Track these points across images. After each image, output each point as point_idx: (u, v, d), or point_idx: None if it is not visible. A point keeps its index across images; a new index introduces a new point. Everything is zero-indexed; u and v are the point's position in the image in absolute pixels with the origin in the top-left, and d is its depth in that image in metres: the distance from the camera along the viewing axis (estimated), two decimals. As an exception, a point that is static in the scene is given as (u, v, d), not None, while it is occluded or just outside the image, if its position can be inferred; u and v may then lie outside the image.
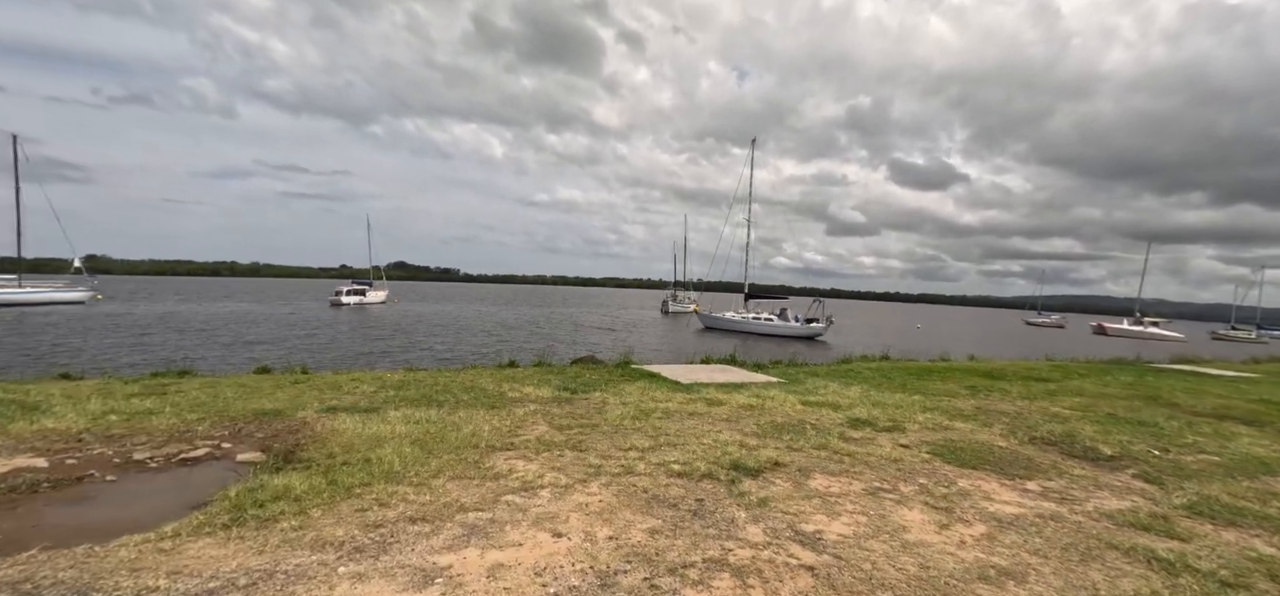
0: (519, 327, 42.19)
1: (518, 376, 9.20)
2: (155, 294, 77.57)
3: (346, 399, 7.14)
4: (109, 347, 26.45)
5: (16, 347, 25.67)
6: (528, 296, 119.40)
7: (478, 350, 27.91)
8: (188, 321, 40.29)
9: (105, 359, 22.65)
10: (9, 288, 49.72)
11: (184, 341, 29.33)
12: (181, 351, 24.88)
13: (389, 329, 37.83)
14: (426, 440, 5.37)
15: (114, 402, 6.52)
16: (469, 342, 31.49)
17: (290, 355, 23.77)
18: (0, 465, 4.76)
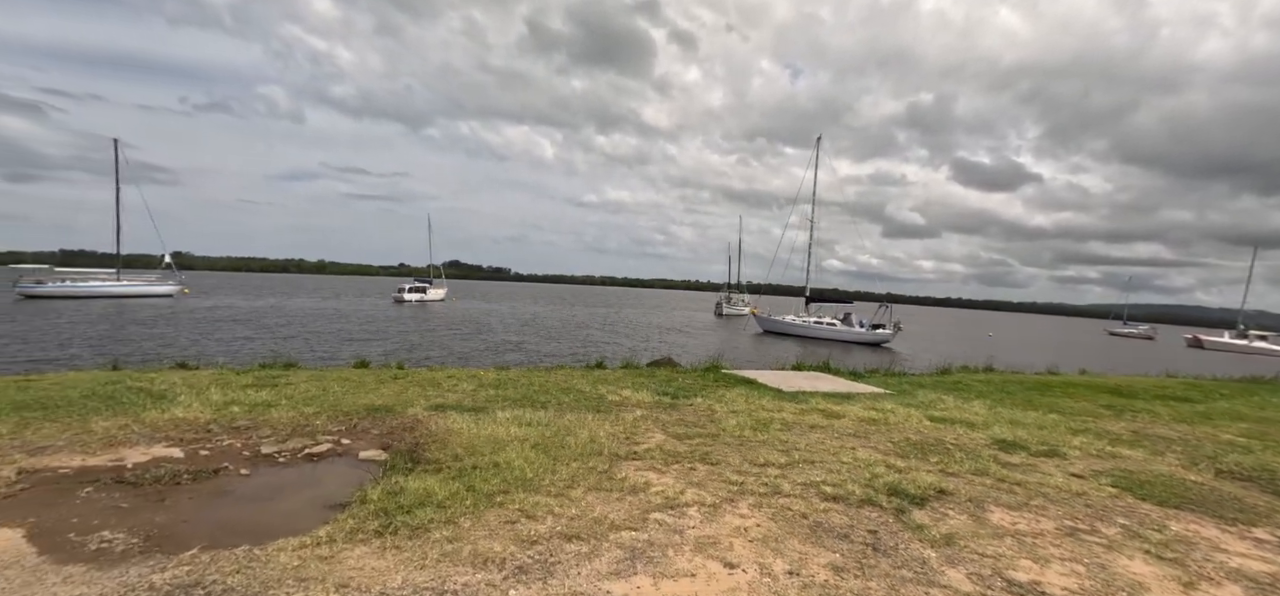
0: (584, 327, 42.34)
1: (609, 378, 8.94)
2: (235, 289, 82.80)
3: (450, 396, 7.05)
4: (205, 338, 28.12)
5: (123, 336, 27.68)
6: (581, 296, 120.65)
7: (555, 350, 28.08)
8: (269, 315, 42.61)
9: (204, 349, 24.02)
10: (109, 281, 54.03)
11: (269, 334, 30.89)
12: (271, 344, 26.16)
13: (457, 326, 38.75)
14: (547, 445, 5.14)
15: (232, 394, 6.63)
16: (542, 341, 31.69)
17: (368, 349, 24.60)
18: (140, 453, 4.83)
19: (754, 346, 34.35)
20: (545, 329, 39.26)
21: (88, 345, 24.16)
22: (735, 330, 45.59)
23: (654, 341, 34.45)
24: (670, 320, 55.16)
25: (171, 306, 47.47)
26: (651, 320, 54.47)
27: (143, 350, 22.68)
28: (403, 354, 21.16)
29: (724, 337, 39.40)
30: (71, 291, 50.39)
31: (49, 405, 5.88)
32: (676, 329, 44.82)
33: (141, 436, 5.19)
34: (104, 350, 22.68)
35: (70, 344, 24.28)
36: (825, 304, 41.71)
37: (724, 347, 32.97)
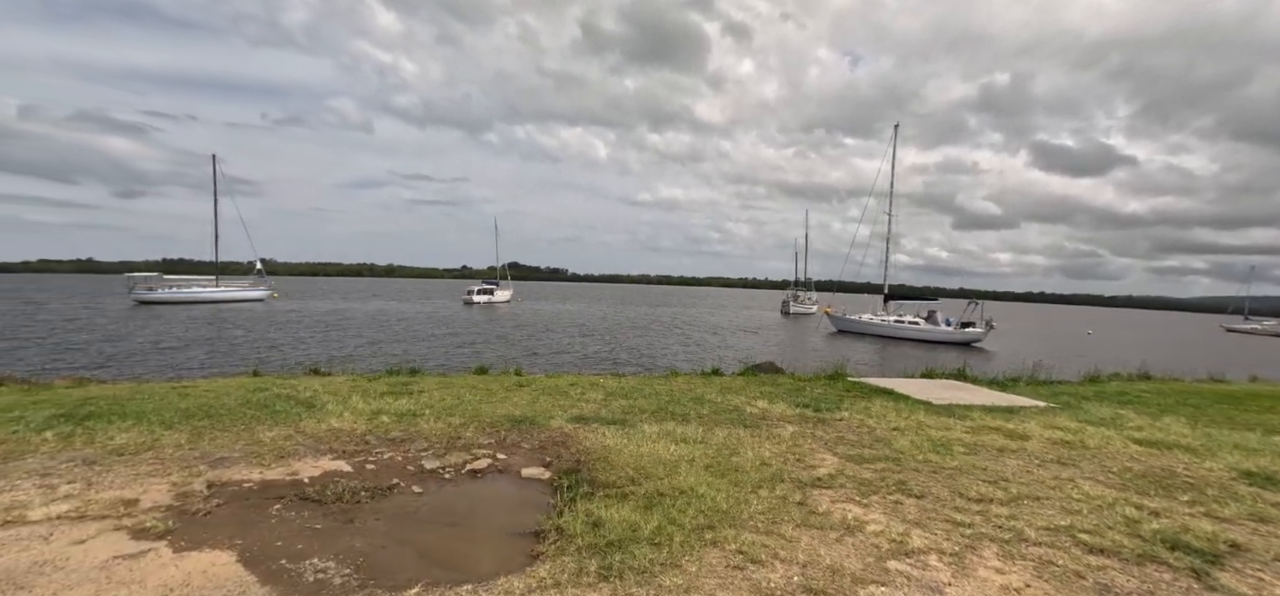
0: (655, 328, 42.13)
1: (734, 386, 8.48)
2: (316, 293, 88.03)
3: (584, 407, 6.79)
4: (308, 342, 29.73)
5: (228, 338, 29.67)
6: (640, 296, 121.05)
7: (640, 352, 27.95)
8: (355, 318, 44.79)
9: (309, 351, 25.32)
10: (209, 287, 58.46)
11: (361, 336, 32.34)
12: (370, 345, 27.35)
13: (532, 328, 39.38)
14: (718, 466, 4.74)
15: (375, 402, 6.61)
16: (621, 344, 31.62)
17: (462, 352, 25.23)
18: (310, 466, 4.76)
19: (830, 347, 32.98)
20: (618, 330, 39.23)
21: (203, 348, 25.94)
22: (806, 330, 44.11)
23: (730, 342, 33.71)
24: (737, 319, 54.12)
25: (264, 310, 50.80)
26: (718, 320, 53.60)
27: (257, 354, 24.10)
28: (493, 357, 21.44)
29: (796, 338, 38.14)
30: (177, 297, 54.93)
31: (212, 413, 6.00)
32: (746, 329, 43.83)
33: (307, 448, 5.15)
34: (217, 352, 24.33)
35: (189, 346, 26.19)
36: (905, 301, 39.54)
37: (799, 349, 31.83)
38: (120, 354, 23.50)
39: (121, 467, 4.54)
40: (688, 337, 36.16)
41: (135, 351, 24.42)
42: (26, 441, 5.06)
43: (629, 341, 32.61)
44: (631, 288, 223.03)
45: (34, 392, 7.25)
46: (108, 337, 28.68)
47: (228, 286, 60.47)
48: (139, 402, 6.35)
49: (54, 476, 4.35)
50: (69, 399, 6.74)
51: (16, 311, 44.19)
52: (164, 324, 35.81)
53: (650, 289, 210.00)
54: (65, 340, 27.38)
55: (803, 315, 60.38)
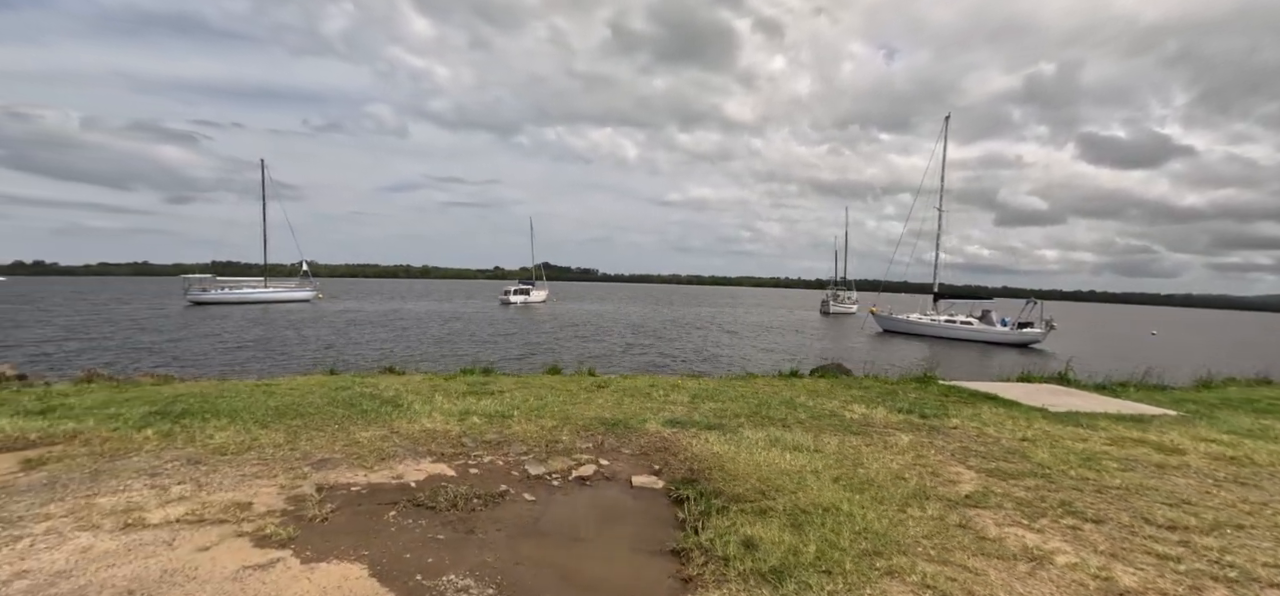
0: (696, 328, 41.61)
1: (820, 390, 8.02)
2: (358, 293, 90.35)
3: (672, 409, 6.46)
4: (362, 340, 30.28)
5: (283, 338, 30.45)
6: (673, 296, 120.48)
7: (696, 351, 27.55)
8: (400, 317, 45.61)
9: (363, 351, 25.74)
10: (259, 288, 60.42)
11: (412, 334, 32.82)
12: (430, 343, 27.70)
13: (573, 328, 39.38)
14: (847, 479, 4.33)
15: (459, 402, 6.41)
16: (667, 343, 31.24)
17: (508, 350, 25.29)
18: (413, 469, 4.54)
19: (876, 348, 31.92)
20: (664, 330, 38.86)
21: (262, 347, 26.63)
22: (848, 330, 42.89)
23: (779, 342, 33.00)
24: (776, 319, 53.15)
25: (311, 311, 52.22)
26: (757, 319, 52.72)
27: (316, 353, 24.60)
28: (548, 358, 21.32)
29: (842, 339, 37.09)
30: (229, 298, 56.98)
31: (303, 412, 5.87)
32: (788, 328, 42.93)
33: (405, 449, 4.95)
34: (276, 351, 24.94)
35: (249, 345, 26.95)
36: (956, 301, 37.98)
37: (844, 349, 30.91)
38: (186, 353, 24.32)
39: (227, 468, 4.40)
40: (737, 337, 35.53)
41: (202, 350, 25.25)
42: (129, 439, 5.00)
43: (679, 340, 32.22)
44: (663, 287, 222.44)
45: (124, 389, 7.31)
46: (172, 337, 29.79)
47: (276, 287, 62.41)
48: (228, 400, 6.29)
49: (163, 476, 4.23)
50: (159, 396, 6.75)
51: (86, 312, 46.46)
52: (219, 323, 37.08)
53: (683, 289, 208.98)
54: (134, 339, 28.54)
55: (843, 315, 58.87)
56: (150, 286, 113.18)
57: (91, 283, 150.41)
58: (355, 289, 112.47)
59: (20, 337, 27.99)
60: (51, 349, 24.31)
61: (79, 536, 3.29)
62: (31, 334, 29.56)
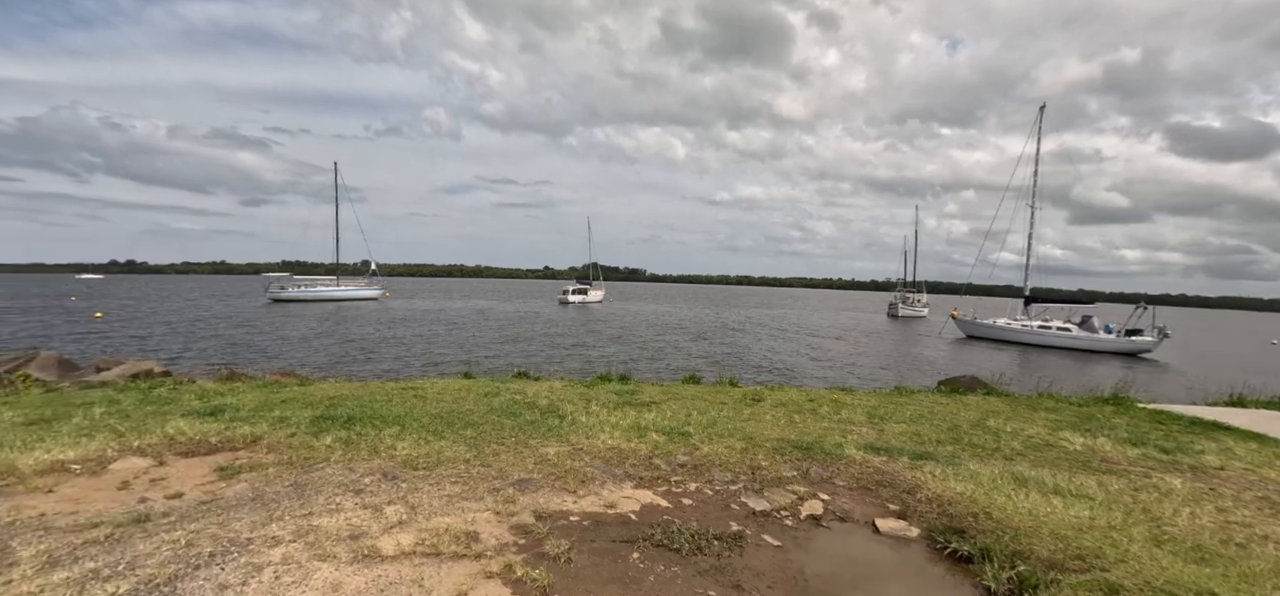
0: (763, 331, 40.51)
1: (998, 409, 7.18)
2: (420, 292, 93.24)
3: (859, 432, 5.80)
4: (444, 338, 30.87)
5: (364, 335, 31.34)
6: (727, 297, 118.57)
7: (787, 358, 26.73)
8: (467, 316, 46.48)
9: (442, 351, 26.13)
10: (331, 286, 62.99)
11: (487, 332, 33.24)
12: (509, 343, 27.95)
13: (637, 330, 39.07)
14: (1167, 541, 3.54)
15: (621, 415, 5.95)
16: (744, 348, 30.34)
17: (588, 351, 25.09)
18: (621, 496, 4.06)
19: (966, 355, 30.00)
20: (733, 333, 37.95)
21: (360, 346, 27.40)
22: (920, 334, 40.68)
23: (863, 348, 31.55)
24: (840, 322, 51.16)
25: (379, 308, 53.99)
26: (823, 322, 50.91)
27: (405, 350, 25.13)
28: (630, 357, 20.94)
29: (921, 344, 35.13)
30: (305, 295, 59.69)
31: (470, 421, 5.55)
32: (859, 332, 41.15)
33: (600, 470, 4.50)
34: (367, 348, 25.57)
35: (347, 343, 27.83)
36: (1050, 304, 35.23)
37: (936, 356, 29.19)
38: (288, 349, 25.30)
39: (426, 486, 4.05)
40: (816, 340, 34.24)
41: (303, 346, 26.24)
42: (311, 447, 4.76)
43: (759, 344, 31.27)
44: (714, 288, 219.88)
45: (273, 389, 7.24)
46: (266, 332, 31.21)
47: (347, 286, 64.96)
48: (387, 406, 6.05)
49: (368, 493, 3.91)
50: (312, 397, 6.61)
51: (183, 309, 49.55)
52: (303, 321, 38.67)
53: (735, 289, 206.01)
54: (235, 335, 30.04)
55: (913, 318, 56.07)
56: (231, 285, 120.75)
57: (177, 281, 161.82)
58: (416, 287, 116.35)
59: (138, 331, 29.91)
60: (170, 344, 25.78)
61: (320, 567, 2.95)
62: (146, 329, 31.57)
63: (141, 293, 78.99)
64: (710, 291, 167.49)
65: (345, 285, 65.46)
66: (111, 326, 32.60)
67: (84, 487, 4.07)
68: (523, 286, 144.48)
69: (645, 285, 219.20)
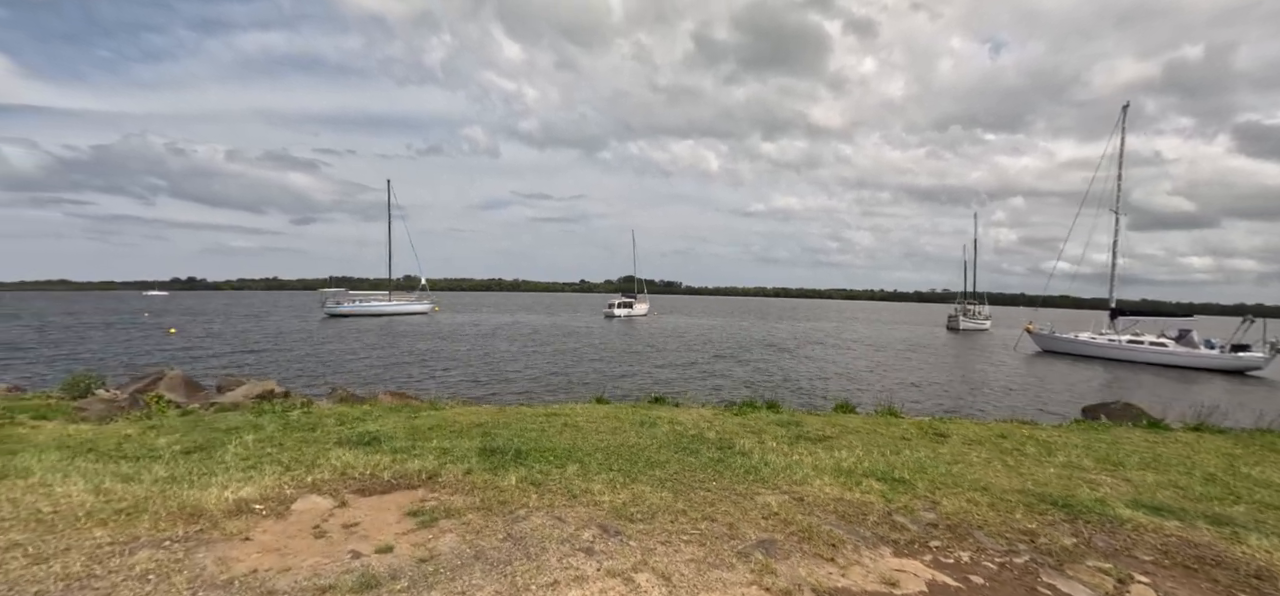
0: (827, 346, 39.23)
1: (1223, 448, 6.20)
2: (465, 307, 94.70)
3: (1099, 482, 4.98)
4: (511, 354, 30.87)
5: (424, 350, 31.62)
6: (769, 309, 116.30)
7: (864, 379, 25.72)
8: (517, 330, 46.63)
9: (522, 363, 26.03)
10: (383, 301, 64.38)
11: (545, 348, 33.13)
12: (563, 359, 27.74)
13: (691, 345, 38.38)
14: None
15: (808, 453, 5.31)
16: (810, 364, 29.43)
17: (653, 370, 24.56)
18: (891, 567, 3.40)
19: (1047, 372, 28.14)
20: (793, 349, 36.85)
21: (424, 362, 27.61)
22: (992, 350, 38.57)
23: (938, 364, 30.02)
24: (898, 336, 49.17)
25: (429, 322, 54.77)
26: (878, 336, 49.03)
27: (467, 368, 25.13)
28: (698, 374, 20.24)
29: (994, 361, 33.22)
30: (359, 310, 61.17)
31: (651, 459, 5.01)
32: (922, 346, 39.36)
33: (844, 531, 3.87)
34: (433, 365, 25.68)
35: (419, 358, 28.09)
36: (1140, 317, 32.80)
37: (1015, 375, 27.46)
38: (361, 364, 25.62)
39: (659, 546, 3.50)
40: (882, 354, 32.86)
41: (389, 365, 26.57)
42: (499, 489, 4.28)
43: (832, 363, 30.14)
44: (753, 300, 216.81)
45: (410, 413, 6.88)
46: (341, 349, 31.81)
47: (398, 301, 66.34)
48: (542, 436, 5.59)
49: (600, 555, 3.38)
50: (456, 424, 6.21)
51: (249, 325, 51.33)
52: (363, 336, 39.39)
53: (775, 302, 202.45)
54: (313, 350, 30.72)
55: (975, 331, 53.45)
56: (288, 300, 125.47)
57: (235, 297, 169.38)
58: (459, 302, 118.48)
59: (216, 348, 30.92)
60: (243, 360, 26.48)
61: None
62: (225, 345, 32.64)
63: (206, 308, 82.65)
64: (750, 304, 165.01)
65: (397, 300, 66.85)
66: (191, 342, 33.82)
67: (278, 534, 3.69)
68: (563, 300, 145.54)
69: (682, 298, 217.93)
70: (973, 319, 55.53)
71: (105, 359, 25.45)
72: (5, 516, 3.80)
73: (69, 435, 6.02)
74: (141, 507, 3.94)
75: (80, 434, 6.12)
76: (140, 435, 6.08)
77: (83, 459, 5.13)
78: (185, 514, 3.86)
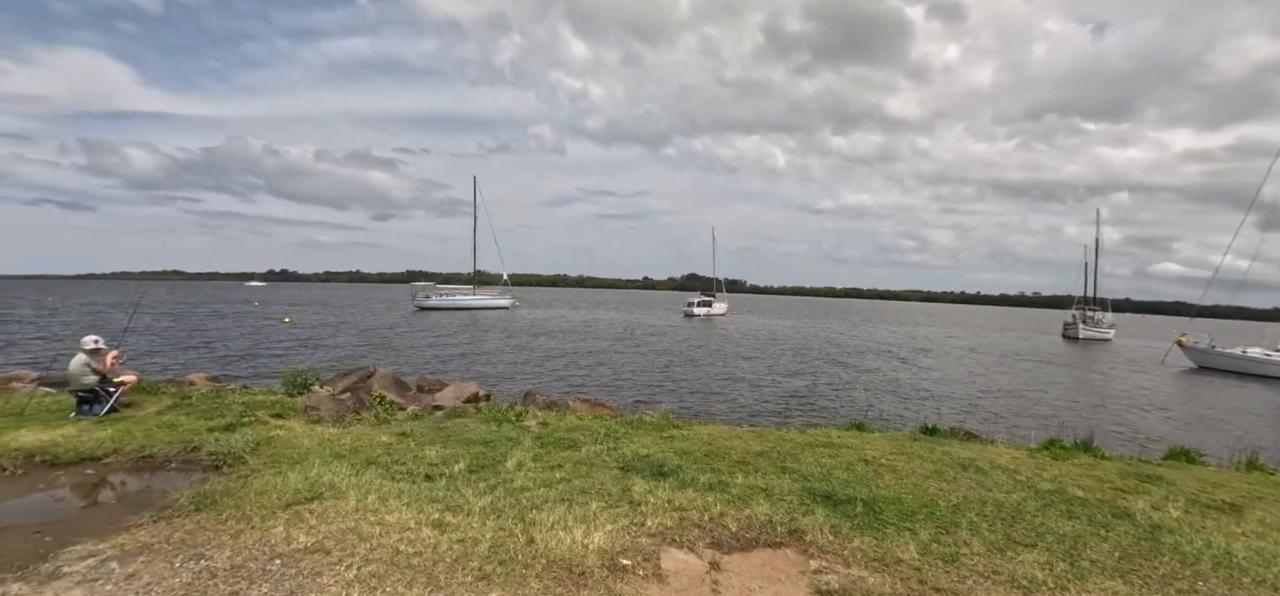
0: (936, 353, 36.80)
1: None
2: (540, 302, 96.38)
3: None
4: (608, 351, 30.76)
5: (533, 344, 31.90)
6: (846, 310, 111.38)
7: (1020, 395, 23.89)
8: (599, 328, 46.58)
9: (621, 364, 25.70)
10: (467, 296, 66.17)
11: (639, 350, 32.75)
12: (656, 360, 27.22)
13: (780, 348, 36.94)
14: None
15: (1231, 530, 4.19)
16: (956, 378, 27.46)
17: (781, 380, 23.54)
18: None
19: (1213, 393, 24.72)
20: (899, 357, 34.72)
21: (560, 362, 27.80)
22: (1114, 361, 34.65)
23: (1077, 386, 27.27)
24: (1010, 345, 45.30)
25: (510, 317, 55.73)
26: (988, 344, 45.41)
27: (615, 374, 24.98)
28: (844, 398, 19.00)
29: (1146, 377, 29.71)
30: (446, 304, 63.20)
31: (1027, 521, 4.08)
32: (1037, 357, 35.98)
33: None
34: (528, 362, 25.73)
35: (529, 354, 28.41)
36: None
37: (1187, 397, 24.28)
38: (480, 362, 26.06)
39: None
40: (1012, 363, 30.25)
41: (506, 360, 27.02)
42: (897, 561, 3.53)
43: (953, 375, 28.05)
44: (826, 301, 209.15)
45: (654, 432, 6.27)
46: (456, 343, 32.72)
47: (482, 295, 68.07)
48: (862, 479, 4.80)
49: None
50: (724, 450, 5.54)
51: (350, 316, 54.14)
52: (457, 332, 40.45)
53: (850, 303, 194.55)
54: (429, 344, 31.75)
55: (1096, 341, 48.48)
56: (374, 292, 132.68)
57: (325, 289, 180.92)
58: (530, 296, 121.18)
59: (337, 339, 32.50)
60: (365, 352, 27.59)
61: None
62: (343, 336, 34.33)
63: (304, 299, 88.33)
64: (822, 304, 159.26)
65: (481, 294, 68.60)
66: (310, 331, 35.73)
67: (682, 604, 3.08)
68: (632, 297, 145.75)
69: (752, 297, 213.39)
70: (1094, 327, 50.34)
71: (245, 349, 27.11)
72: (370, 555, 3.41)
73: (329, 440, 5.85)
74: (509, 554, 3.51)
75: (336, 439, 5.96)
76: (400, 444, 5.84)
77: (374, 475, 4.86)
78: (566, 569, 3.36)
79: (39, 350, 24.31)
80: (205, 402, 7.30)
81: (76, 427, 6.10)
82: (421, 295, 64.71)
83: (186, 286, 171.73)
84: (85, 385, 6.92)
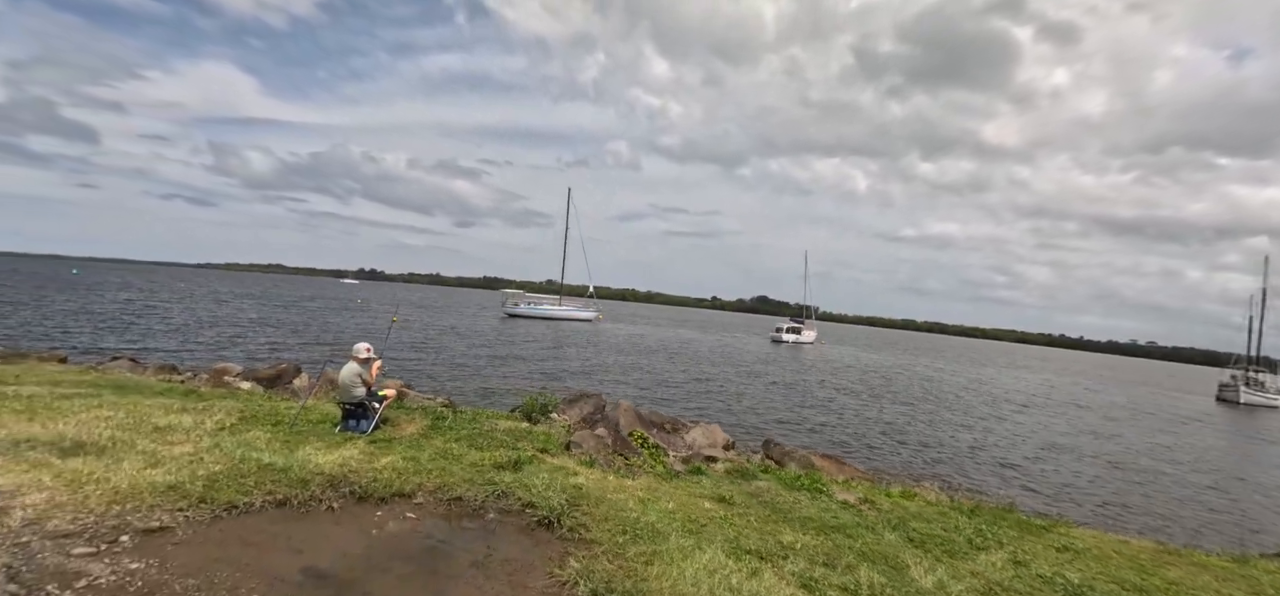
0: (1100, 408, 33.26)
1: None
2: (622, 317, 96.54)
3: None
4: (722, 379, 29.82)
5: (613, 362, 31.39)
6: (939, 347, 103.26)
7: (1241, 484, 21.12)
8: (686, 347, 45.43)
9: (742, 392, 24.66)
10: (553, 305, 66.88)
11: (755, 378, 31.49)
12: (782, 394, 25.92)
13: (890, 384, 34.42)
14: None
15: None
16: (1129, 438, 24.84)
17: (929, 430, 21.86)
18: None
19: None
20: (1024, 406, 31.56)
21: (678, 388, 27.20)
22: None
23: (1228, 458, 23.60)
24: (1143, 400, 40.16)
25: (596, 330, 55.67)
26: (1116, 401, 40.55)
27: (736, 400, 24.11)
28: (1010, 470, 16.95)
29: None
30: (533, 313, 64.24)
31: None
32: (1190, 420, 31.50)
33: None
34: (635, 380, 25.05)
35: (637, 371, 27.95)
36: None
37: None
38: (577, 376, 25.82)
39: None
40: (1176, 428, 26.68)
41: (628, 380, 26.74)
42: None
43: (1125, 435, 25.05)
44: (910, 335, 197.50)
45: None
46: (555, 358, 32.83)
47: (568, 306, 68.77)
48: None
49: None
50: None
51: (445, 320, 55.96)
52: (547, 341, 40.57)
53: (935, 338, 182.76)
54: (536, 355, 32.03)
55: (1263, 407, 42.08)
56: (458, 296, 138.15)
57: (411, 289, 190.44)
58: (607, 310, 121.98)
59: (457, 347, 33.38)
60: (503, 367, 27.99)
61: None
62: (463, 343, 35.31)
63: (396, 298, 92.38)
64: (907, 338, 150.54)
65: (566, 305, 69.33)
66: (422, 335, 36.97)
67: None
68: (710, 317, 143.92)
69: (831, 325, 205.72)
70: (1258, 391, 43.71)
71: (377, 348, 28.13)
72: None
73: (646, 499, 5.18)
74: None
75: (651, 498, 5.28)
76: (737, 517, 5.07)
77: (725, 556, 4.05)
78: None
79: (211, 339, 26.33)
80: (463, 426, 6.97)
81: (358, 449, 5.78)
82: (510, 302, 66.12)
83: (289, 280, 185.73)
84: (355, 397, 6.70)
